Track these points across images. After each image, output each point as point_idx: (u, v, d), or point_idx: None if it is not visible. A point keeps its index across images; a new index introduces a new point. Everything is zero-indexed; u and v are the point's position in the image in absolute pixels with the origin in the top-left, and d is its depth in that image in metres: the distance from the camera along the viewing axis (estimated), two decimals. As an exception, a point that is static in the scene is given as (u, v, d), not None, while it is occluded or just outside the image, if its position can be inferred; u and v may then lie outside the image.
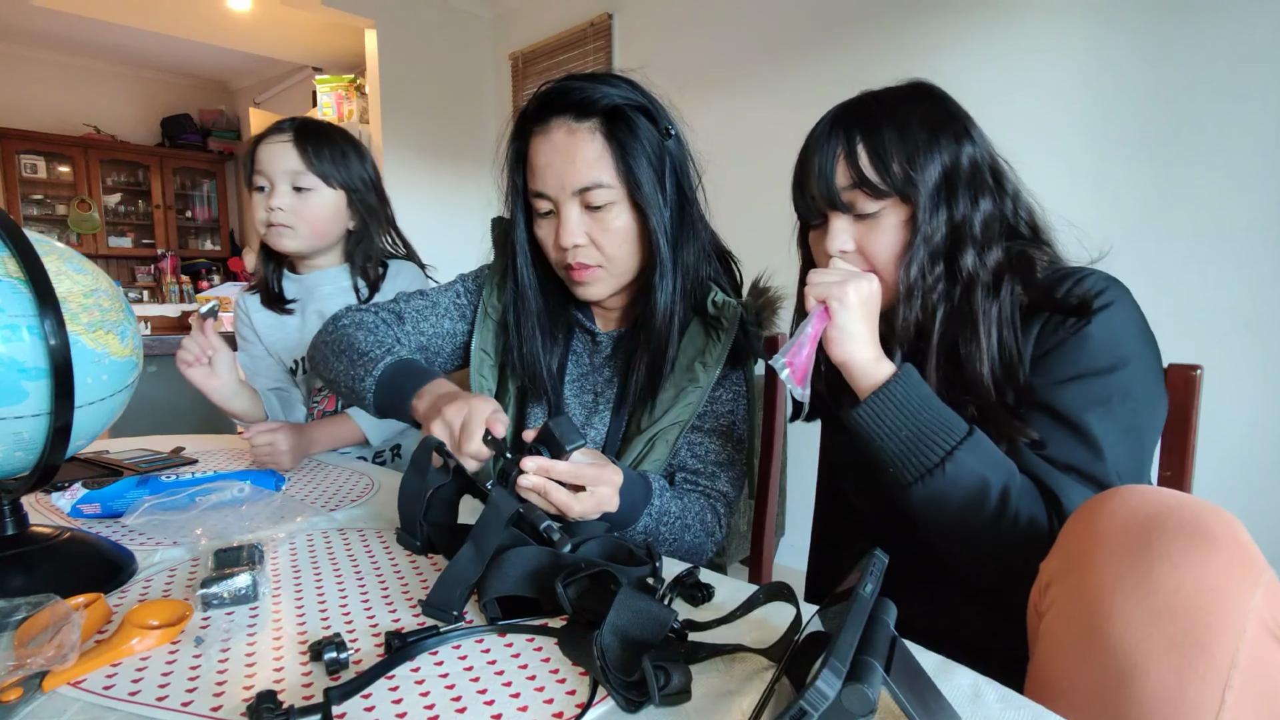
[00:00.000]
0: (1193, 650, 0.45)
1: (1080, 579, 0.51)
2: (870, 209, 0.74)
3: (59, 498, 0.84)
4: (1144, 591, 0.47)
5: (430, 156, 3.78)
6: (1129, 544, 0.49)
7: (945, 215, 0.73)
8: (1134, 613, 0.47)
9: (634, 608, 0.49)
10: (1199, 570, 0.46)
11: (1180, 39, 1.78)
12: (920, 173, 0.72)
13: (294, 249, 1.28)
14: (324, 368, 0.97)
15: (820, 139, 0.76)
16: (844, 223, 0.75)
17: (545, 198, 0.88)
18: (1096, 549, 0.50)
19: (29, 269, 0.54)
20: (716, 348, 0.89)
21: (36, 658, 0.46)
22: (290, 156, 1.23)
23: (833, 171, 0.74)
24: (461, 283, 1.05)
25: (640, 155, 0.86)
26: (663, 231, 0.88)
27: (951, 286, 0.74)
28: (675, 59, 2.94)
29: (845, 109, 0.77)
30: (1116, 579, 0.48)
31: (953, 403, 0.70)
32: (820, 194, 0.75)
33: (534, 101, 0.89)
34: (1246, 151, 1.69)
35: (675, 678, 0.43)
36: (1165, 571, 0.46)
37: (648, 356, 0.90)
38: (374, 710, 0.44)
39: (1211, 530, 0.47)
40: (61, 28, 4.45)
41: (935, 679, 0.47)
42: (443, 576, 0.57)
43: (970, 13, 2.15)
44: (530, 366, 0.96)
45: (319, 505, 0.89)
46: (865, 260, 0.76)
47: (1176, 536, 0.47)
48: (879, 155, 0.72)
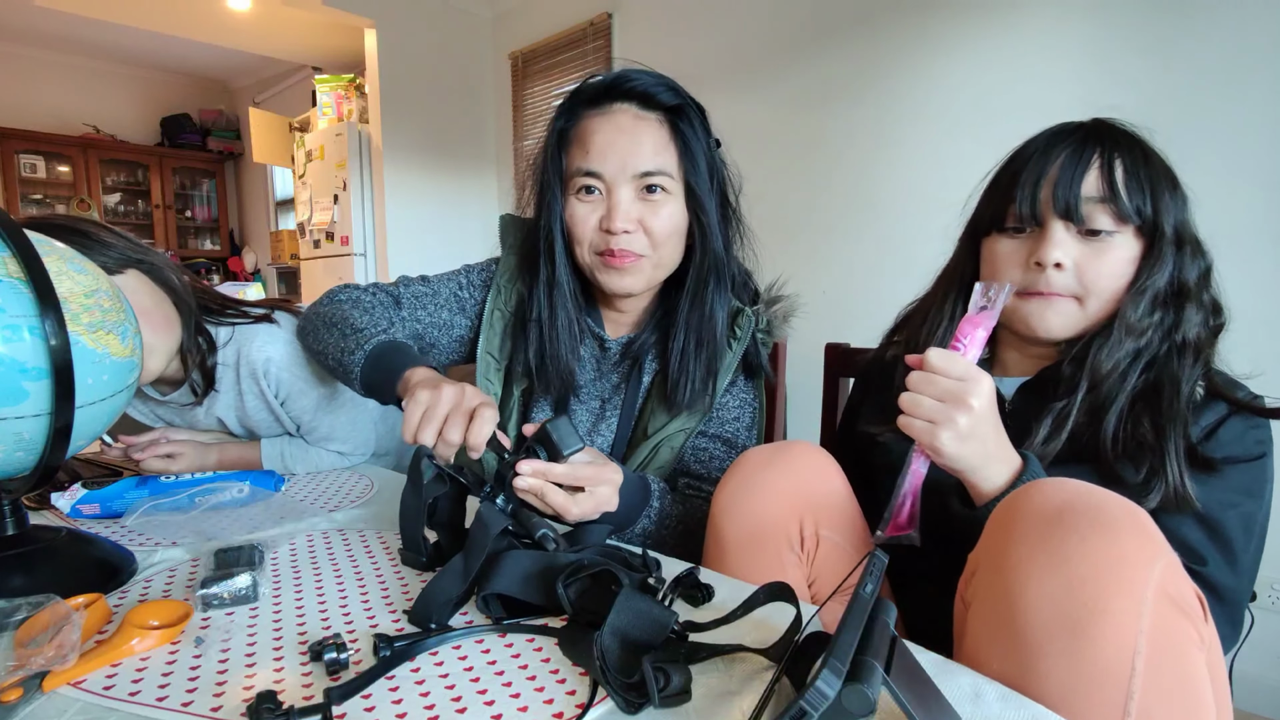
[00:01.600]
0: (1101, 617, 0.47)
1: (998, 560, 0.53)
2: (1106, 228, 0.70)
3: (59, 498, 0.84)
4: (1055, 563, 0.49)
5: (430, 156, 3.78)
6: (1042, 524, 0.51)
7: (1174, 265, 0.71)
8: (1047, 583, 0.49)
9: (634, 609, 0.49)
10: (1104, 543, 0.48)
11: (1179, 39, 1.78)
12: (1166, 213, 0.70)
13: (157, 369, 0.95)
14: (313, 339, 0.94)
15: (1067, 143, 0.72)
16: (1068, 234, 0.71)
17: (596, 177, 0.85)
18: (1013, 530, 0.52)
19: (30, 269, 0.54)
20: (728, 355, 0.89)
21: (37, 658, 0.46)
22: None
23: (1081, 178, 0.70)
24: (465, 274, 1.02)
25: (700, 155, 0.86)
26: (714, 232, 0.87)
27: (1160, 340, 0.71)
28: (675, 59, 2.94)
29: (1097, 125, 0.74)
30: (1031, 554, 0.50)
31: (1120, 457, 0.68)
32: (1056, 197, 0.70)
33: (593, 86, 0.87)
34: (1246, 152, 1.69)
35: (675, 678, 0.43)
36: (1074, 544, 0.49)
37: (700, 370, 0.88)
38: (374, 710, 0.44)
39: (1115, 512, 0.50)
40: (61, 28, 4.45)
41: (935, 679, 0.47)
42: (426, 589, 0.56)
43: (969, 13, 2.15)
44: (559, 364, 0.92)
45: (319, 506, 0.89)
46: (1080, 282, 0.71)
47: (1083, 515, 0.50)
48: (1136, 179, 0.70)
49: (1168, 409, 0.69)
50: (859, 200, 2.44)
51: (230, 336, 1.04)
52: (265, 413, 1.07)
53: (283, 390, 1.04)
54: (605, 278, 0.89)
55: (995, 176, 0.79)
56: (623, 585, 0.51)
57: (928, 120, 2.25)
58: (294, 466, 1.08)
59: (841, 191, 2.48)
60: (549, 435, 0.66)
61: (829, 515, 0.69)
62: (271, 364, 1.02)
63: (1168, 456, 0.67)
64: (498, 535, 0.61)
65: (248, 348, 1.02)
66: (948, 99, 2.20)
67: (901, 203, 2.34)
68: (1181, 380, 0.69)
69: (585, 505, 0.68)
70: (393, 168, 3.66)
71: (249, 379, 1.03)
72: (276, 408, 1.05)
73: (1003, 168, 0.78)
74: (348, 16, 3.50)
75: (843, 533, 0.69)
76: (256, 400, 1.05)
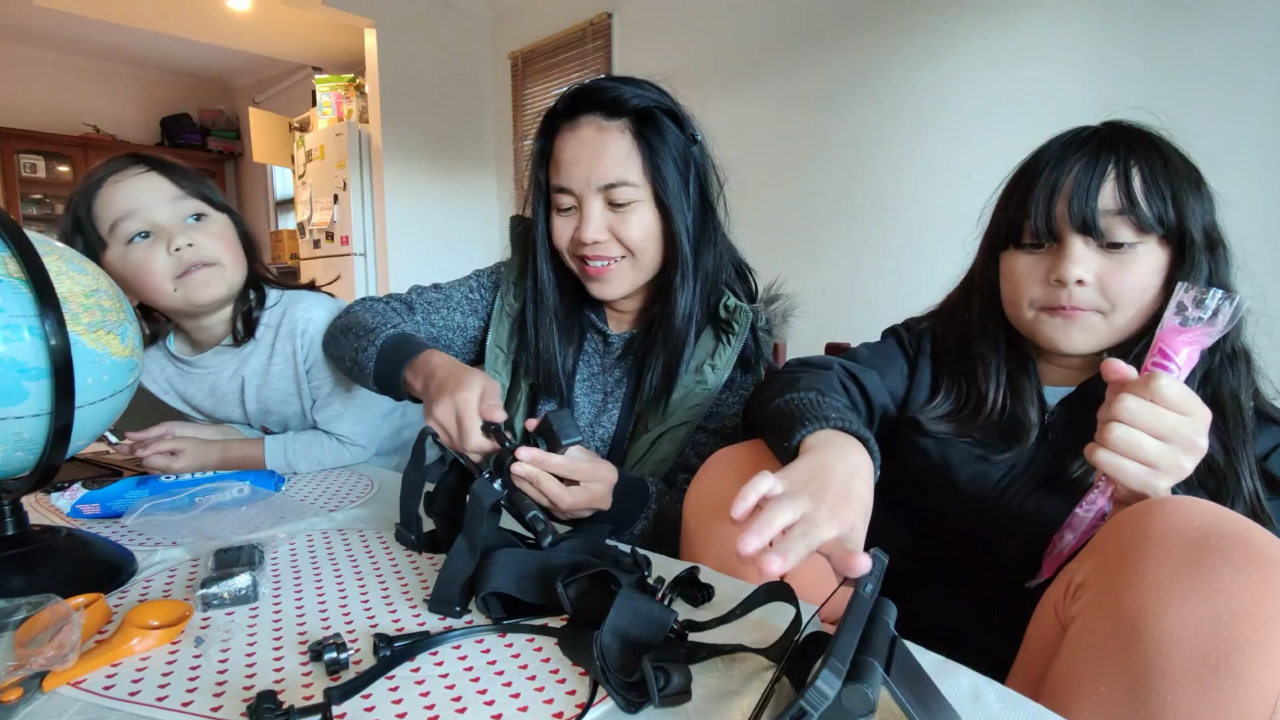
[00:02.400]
0: (1253, 656, 0.43)
1: (1125, 580, 0.48)
2: (1128, 239, 0.67)
3: (59, 498, 0.84)
4: (1204, 593, 0.45)
5: (429, 156, 3.78)
6: (1185, 548, 0.46)
7: (1209, 271, 0.67)
8: (1190, 612, 0.44)
9: (634, 609, 0.49)
10: (1261, 578, 0.44)
11: (1178, 39, 1.78)
12: (1192, 218, 0.67)
13: (224, 292, 1.04)
14: (333, 348, 1.00)
15: (1080, 153, 0.69)
16: (1088, 249, 0.68)
17: (568, 192, 0.88)
18: (1147, 549, 0.48)
19: (30, 269, 0.54)
20: (726, 351, 0.90)
21: (37, 658, 0.46)
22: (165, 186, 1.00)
23: (1097, 190, 0.67)
24: (476, 278, 1.06)
25: (667, 157, 0.87)
26: (685, 233, 0.88)
27: (1211, 352, 0.67)
28: (674, 59, 2.94)
29: (1111, 130, 0.70)
30: (1171, 578, 0.46)
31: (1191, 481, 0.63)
32: (1072, 212, 0.67)
33: (564, 99, 0.90)
34: (1246, 152, 1.70)
35: (675, 678, 0.43)
36: (1226, 575, 0.44)
37: (664, 356, 0.91)
38: (374, 710, 0.44)
39: (1265, 545, 0.46)
40: (61, 28, 4.45)
41: (935, 679, 0.47)
42: (441, 574, 0.58)
43: (969, 14, 2.15)
44: (545, 363, 0.96)
45: (319, 505, 0.89)
46: (1104, 296, 0.68)
47: (1234, 544, 0.46)
48: (1155, 185, 0.66)
49: (1233, 426, 0.65)
50: (859, 200, 2.44)
51: (279, 299, 1.11)
52: (288, 380, 1.10)
53: (312, 355, 1.09)
54: (589, 286, 0.93)
55: (1008, 188, 0.75)
56: (621, 585, 0.51)
57: (928, 120, 2.25)
58: (297, 463, 1.08)
59: (842, 191, 2.48)
60: (550, 425, 0.67)
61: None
62: (311, 324, 1.08)
63: (1242, 477, 0.63)
64: (497, 529, 0.63)
65: (294, 308, 1.09)
66: (948, 99, 2.20)
67: (902, 202, 2.34)
68: (1240, 393, 0.66)
69: (578, 497, 0.70)
70: (393, 167, 3.66)
71: (285, 339, 1.09)
72: (301, 374, 1.09)
73: (1016, 179, 0.75)
74: (348, 16, 3.50)
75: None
76: (284, 364, 1.09)
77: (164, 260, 0.97)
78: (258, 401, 1.12)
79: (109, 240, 0.97)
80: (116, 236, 0.96)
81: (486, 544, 0.60)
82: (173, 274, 0.97)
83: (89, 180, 0.97)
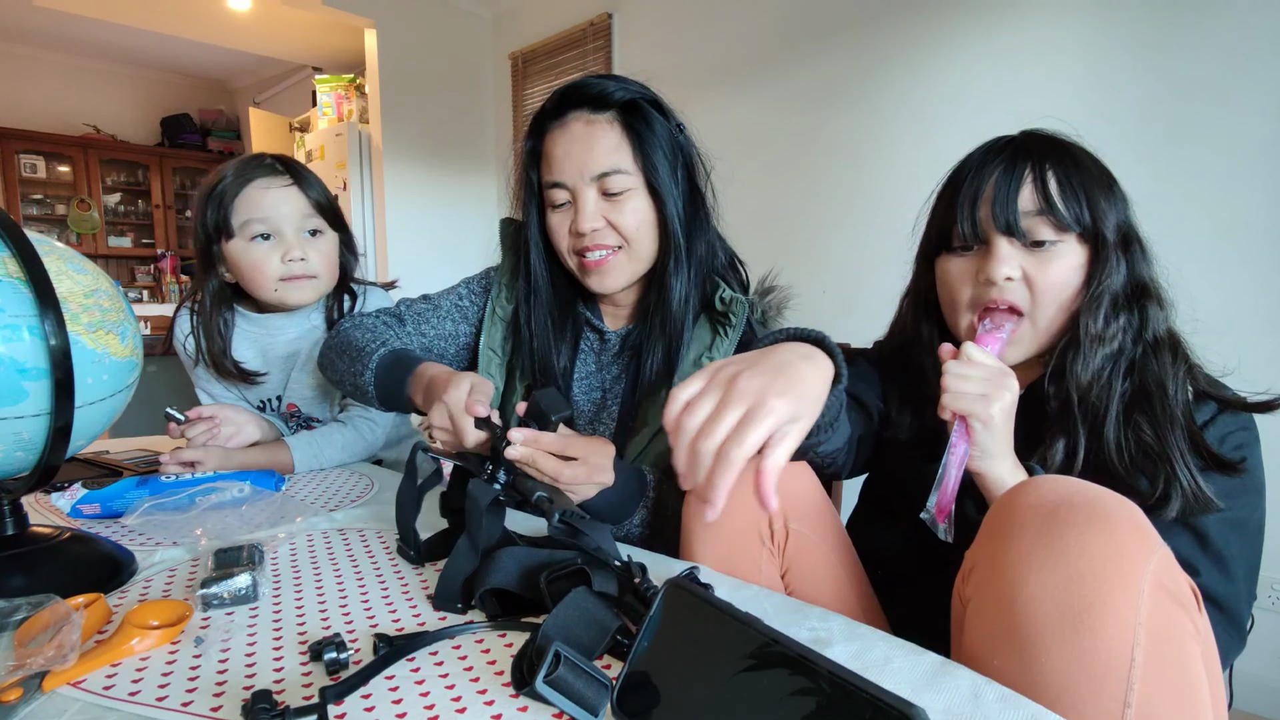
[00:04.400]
0: (1100, 610, 0.47)
1: (996, 557, 0.53)
2: (1049, 238, 0.72)
3: (59, 498, 0.84)
4: (1054, 558, 0.49)
5: (430, 156, 3.78)
6: (1039, 519, 0.52)
7: (1127, 267, 0.73)
8: (1046, 578, 0.49)
9: (581, 607, 0.50)
10: (1101, 537, 0.49)
11: (1177, 39, 1.78)
12: (1105, 218, 0.72)
13: (312, 299, 1.18)
14: (330, 370, 1.00)
15: (998, 160, 0.74)
16: (1013, 249, 0.73)
17: (562, 187, 0.90)
18: (1013, 526, 0.53)
19: (29, 269, 0.54)
20: (723, 343, 0.90)
21: (36, 658, 0.46)
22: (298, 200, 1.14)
23: (1016, 194, 0.72)
24: (465, 285, 1.07)
25: (656, 144, 0.88)
26: (678, 219, 0.90)
27: (1133, 343, 0.73)
28: (674, 59, 2.94)
29: (1027, 138, 0.76)
30: (1030, 550, 0.51)
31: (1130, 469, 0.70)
32: (995, 215, 0.72)
33: (552, 99, 0.92)
34: (1245, 151, 1.69)
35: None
36: (1072, 539, 0.49)
37: (663, 342, 0.91)
38: (374, 710, 0.44)
39: (1110, 507, 0.51)
40: (61, 28, 4.45)
41: (935, 679, 0.47)
42: (443, 572, 0.58)
43: (968, 14, 2.15)
44: (541, 360, 0.97)
45: (319, 505, 0.90)
46: (1031, 291, 0.73)
47: (1080, 510, 0.51)
48: (1070, 187, 0.72)
49: (1162, 412, 0.70)
50: (858, 199, 2.44)
51: (362, 292, 1.24)
52: None
53: None
54: (587, 280, 0.93)
55: (937, 197, 0.81)
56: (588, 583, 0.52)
57: (927, 120, 2.25)
58: (326, 456, 1.10)
59: (841, 191, 2.48)
60: (538, 405, 0.68)
61: (798, 507, 0.69)
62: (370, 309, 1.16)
63: (1175, 462, 0.67)
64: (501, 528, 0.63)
65: (365, 300, 1.23)
66: (947, 99, 2.21)
67: (901, 202, 2.33)
68: (1166, 380, 0.71)
69: (578, 471, 0.71)
70: (393, 168, 3.66)
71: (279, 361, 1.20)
72: None
73: (943, 188, 0.80)
74: (348, 16, 3.50)
75: (812, 525, 0.70)
76: None
77: (277, 265, 1.12)
78: (302, 370, 1.19)
79: (237, 233, 1.11)
80: (244, 232, 1.11)
81: (490, 542, 0.60)
82: (279, 276, 1.12)
83: (240, 176, 1.11)
